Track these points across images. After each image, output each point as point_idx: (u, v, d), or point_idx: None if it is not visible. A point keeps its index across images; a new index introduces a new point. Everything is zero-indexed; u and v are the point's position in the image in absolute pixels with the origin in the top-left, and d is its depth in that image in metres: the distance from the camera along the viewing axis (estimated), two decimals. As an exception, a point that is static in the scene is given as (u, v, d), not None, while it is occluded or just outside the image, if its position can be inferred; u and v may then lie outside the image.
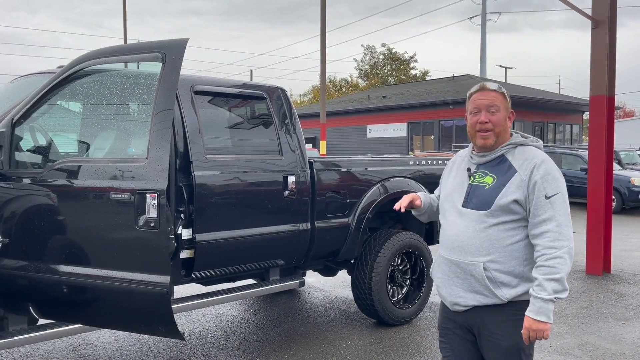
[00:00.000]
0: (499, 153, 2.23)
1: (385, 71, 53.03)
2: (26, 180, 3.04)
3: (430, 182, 5.29)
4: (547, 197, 2.08)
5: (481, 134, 2.22)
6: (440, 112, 23.72)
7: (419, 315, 5.15)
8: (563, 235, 2.04)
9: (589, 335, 4.72)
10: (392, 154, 14.69)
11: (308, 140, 26.34)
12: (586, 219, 7.15)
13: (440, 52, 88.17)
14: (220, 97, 4.06)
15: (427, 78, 46.07)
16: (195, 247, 3.70)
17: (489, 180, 2.20)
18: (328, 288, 6.33)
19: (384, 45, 52.62)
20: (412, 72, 52.03)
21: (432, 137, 24.54)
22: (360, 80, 53.79)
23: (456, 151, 20.37)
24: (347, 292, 6.08)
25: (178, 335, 2.96)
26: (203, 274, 3.83)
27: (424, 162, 5.39)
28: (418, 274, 5.14)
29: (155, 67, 3.02)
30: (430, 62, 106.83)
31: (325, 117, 18.45)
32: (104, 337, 4.60)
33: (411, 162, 5.29)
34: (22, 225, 3.05)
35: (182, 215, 3.68)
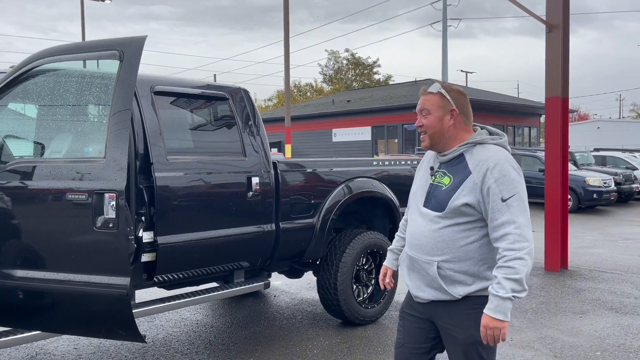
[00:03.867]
0: (457, 152, 2.22)
1: (350, 76, 53.47)
2: None
3: (394, 182, 5.36)
4: (503, 200, 2.06)
5: (421, 136, 2.30)
6: (403, 115, 24.05)
7: (385, 314, 5.19)
8: (522, 236, 2.04)
9: (548, 329, 4.85)
10: (357, 158, 14.76)
11: (273, 145, 26.28)
12: (544, 218, 7.37)
13: (401, 57, 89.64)
14: (182, 97, 4.01)
15: (390, 82, 46.67)
16: (157, 250, 3.63)
17: (446, 180, 2.21)
18: (294, 290, 6.31)
19: (347, 50, 53.03)
20: (376, 76, 52.65)
21: (396, 140, 24.85)
22: (324, 85, 54.06)
23: (420, 154, 20.71)
24: (313, 294, 6.08)
25: (139, 338, 2.89)
26: (165, 278, 3.76)
27: (387, 163, 5.45)
28: (383, 273, 5.17)
29: (112, 67, 2.95)
30: (393, 67, 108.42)
31: (290, 121, 18.46)
32: (62, 345, 4.46)
33: (375, 163, 5.34)
34: None
35: (143, 218, 3.61)
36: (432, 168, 2.30)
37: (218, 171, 4.01)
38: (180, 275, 3.85)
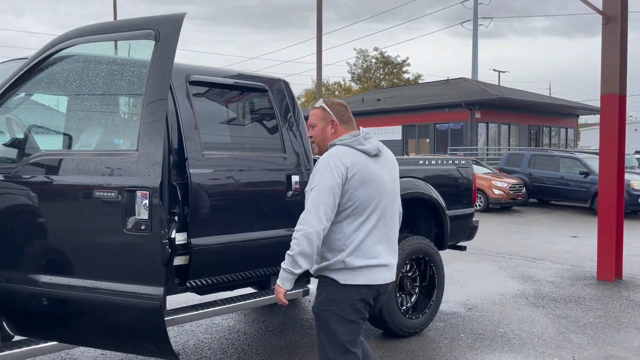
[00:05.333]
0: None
1: (378, 75, 52.89)
2: None
3: (440, 182, 4.99)
4: (310, 190, 2.48)
5: (312, 145, 2.76)
6: (435, 115, 23.49)
7: (429, 325, 4.82)
8: (304, 220, 2.41)
9: (612, 347, 4.41)
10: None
11: (302, 143, 25.91)
12: (597, 223, 6.87)
13: (429, 57, 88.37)
14: (218, 88, 3.71)
15: (420, 82, 45.94)
16: (191, 253, 3.34)
17: None
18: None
19: (376, 49, 52.48)
20: (405, 75, 51.92)
21: (427, 140, 24.30)
22: (353, 84, 53.61)
23: (452, 154, 20.12)
24: (350, 300, 5.73)
25: (172, 355, 2.60)
26: (199, 283, 3.47)
27: (433, 162, 5.07)
28: (428, 281, 4.80)
29: (145, 53, 2.66)
30: (421, 67, 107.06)
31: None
32: (89, 350, 4.22)
33: (421, 162, 4.96)
34: None
35: (176, 218, 3.33)
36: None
37: (256, 169, 3.71)
38: (215, 281, 3.56)
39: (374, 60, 52.61)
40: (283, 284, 2.45)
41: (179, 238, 3.33)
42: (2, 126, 2.94)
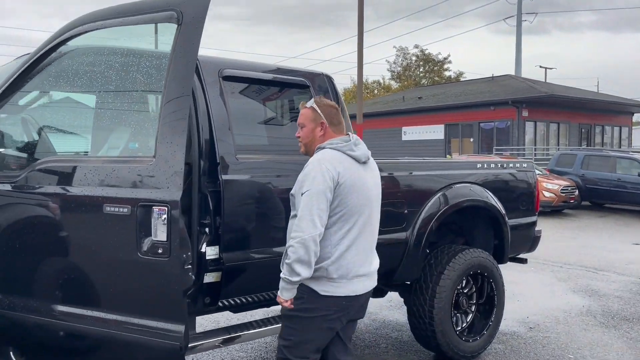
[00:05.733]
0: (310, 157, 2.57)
1: (419, 73, 51.88)
2: (1, 186, 2.33)
3: (499, 188, 4.48)
4: (302, 194, 2.39)
5: (299, 144, 2.70)
6: (480, 113, 22.61)
7: (487, 349, 4.31)
8: (299, 227, 2.35)
9: None
10: (431, 157, 13.83)
11: (341, 143, 25.42)
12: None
13: (470, 54, 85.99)
14: (255, 84, 3.33)
15: (462, 79, 44.73)
16: (222, 270, 2.97)
17: None
18: (373, 309, 5.53)
19: (416, 46, 51.47)
20: (447, 73, 50.72)
21: (472, 139, 23.44)
22: (392, 82, 52.78)
23: (498, 154, 19.30)
24: (397, 315, 5.28)
25: None
26: (232, 302, 3.10)
27: (492, 166, 4.55)
28: (485, 298, 4.30)
29: (166, 44, 2.28)
30: (462, 64, 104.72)
31: (362, 118, 17.62)
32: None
33: (479, 166, 4.46)
34: None
35: (207, 230, 2.96)
36: None
37: (295, 174, 3.30)
38: (250, 299, 3.19)
39: (414, 58, 51.64)
40: (283, 294, 2.42)
41: (210, 252, 2.97)
42: (20, 128, 2.64)
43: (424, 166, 4.27)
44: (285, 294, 2.41)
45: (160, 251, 2.01)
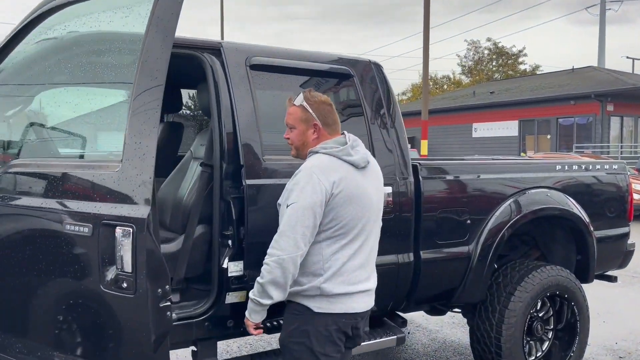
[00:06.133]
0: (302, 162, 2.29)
1: (491, 67, 49.75)
2: None
3: (582, 193, 3.80)
4: (287, 206, 2.14)
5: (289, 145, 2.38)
6: (558, 108, 21.06)
7: (567, 384, 3.64)
8: (277, 243, 2.11)
9: None
10: (504, 156, 12.91)
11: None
12: None
13: (548, 46, 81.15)
14: (288, 73, 2.89)
15: (538, 72, 42.30)
16: (248, 289, 2.56)
17: None
18: (434, 326, 4.96)
19: (489, 39, 49.25)
20: (521, 67, 48.24)
21: (549, 136, 21.90)
22: (463, 77, 50.97)
23: (579, 152, 17.85)
24: (460, 334, 4.69)
25: None
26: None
27: (575, 168, 3.87)
28: (565, 324, 3.64)
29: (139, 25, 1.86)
30: (539, 58, 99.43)
31: (428, 114, 16.81)
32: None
33: (558, 168, 3.79)
34: None
35: (230, 242, 2.57)
36: None
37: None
38: (280, 323, 2.76)
39: (486, 52, 49.59)
40: (251, 316, 2.22)
41: (233, 268, 2.58)
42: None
43: (493, 168, 3.67)
44: (254, 317, 2.21)
45: (124, 285, 1.59)
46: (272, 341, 3.98)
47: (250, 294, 2.18)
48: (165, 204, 3.00)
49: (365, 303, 2.29)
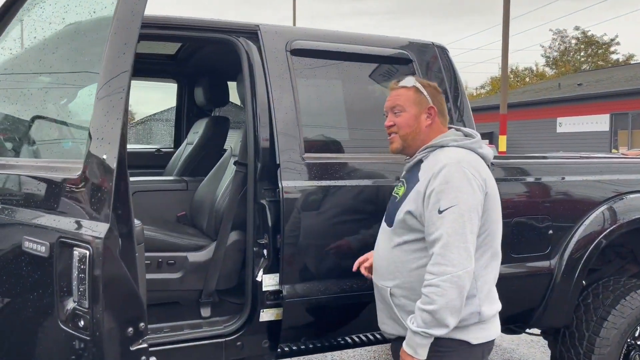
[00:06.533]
0: (416, 158, 1.96)
1: (578, 57, 46.63)
2: None
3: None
4: (440, 212, 1.77)
5: (389, 137, 2.03)
6: (656, 100, 19.17)
7: None
8: (446, 259, 1.73)
9: None
10: (593, 153, 11.77)
11: (484, 136, 23.49)
12: None
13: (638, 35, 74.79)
14: (335, 59, 2.52)
15: (633, 62, 39.06)
16: (283, 306, 2.24)
17: (401, 191, 1.97)
18: (508, 344, 4.42)
19: (577, 28, 46.20)
20: (613, 56, 44.80)
21: (645, 131, 20.00)
22: (547, 69, 48.19)
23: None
24: (539, 355, 4.13)
25: None
26: (297, 348, 2.36)
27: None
28: (672, 355, 3.02)
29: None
30: (633, 46, 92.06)
31: (507, 107, 15.79)
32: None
33: (665, 167, 3.16)
34: None
35: (265, 252, 2.25)
36: (398, 177, 2.12)
37: (388, 179, 2.45)
38: (323, 344, 2.43)
39: (573, 41, 46.53)
40: (417, 352, 1.76)
41: (268, 282, 2.26)
42: None
43: (582, 168, 3.10)
44: (422, 352, 1.77)
45: (81, 323, 1.28)
46: None
47: (413, 326, 1.77)
48: (202, 206, 2.75)
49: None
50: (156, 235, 2.45)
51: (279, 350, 2.32)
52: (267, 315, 2.29)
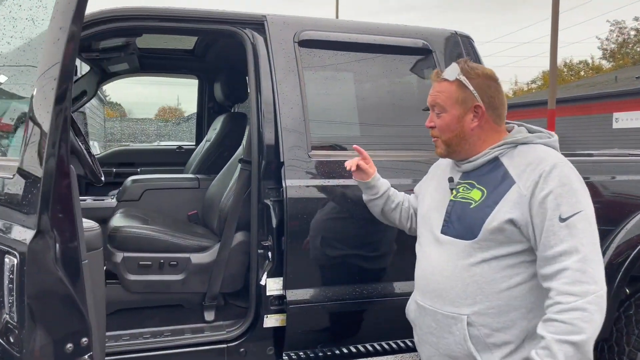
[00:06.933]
0: (490, 155, 1.62)
1: (638, 49, 44.31)
2: None
3: None
4: (562, 219, 1.44)
5: (433, 140, 1.71)
6: None
7: None
8: (588, 275, 1.40)
9: None
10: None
11: (534, 132, 22.54)
12: None
13: None
14: (346, 50, 2.37)
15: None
16: (287, 312, 2.12)
17: (476, 194, 1.59)
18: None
19: (636, 19, 43.82)
20: (677, 47, 42.32)
21: None
22: (604, 62, 46.03)
23: None
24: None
25: None
26: (302, 356, 2.23)
27: None
28: None
29: None
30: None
31: (555, 102, 15.08)
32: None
33: None
34: None
35: (270, 255, 2.14)
36: (451, 179, 1.70)
37: (399, 178, 2.29)
38: (331, 354, 2.29)
39: (632, 33, 44.24)
40: None
41: (272, 286, 2.15)
42: None
43: (623, 167, 2.83)
44: None
45: (11, 339, 1.18)
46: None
47: None
48: (212, 205, 2.67)
49: None
50: (158, 235, 2.38)
51: (284, 357, 2.20)
52: (271, 321, 2.18)
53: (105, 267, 2.48)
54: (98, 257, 1.37)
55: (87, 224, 1.36)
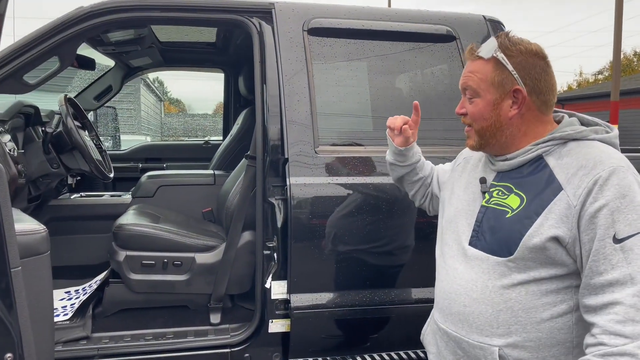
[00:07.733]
0: (533, 153, 1.32)
1: None
2: None
3: None
4: (617, 241, 1.16)
5: (465, 130, 1.43)
6: None
7: None
8: None
9: None
10: None
11: (596, 126, 21.27)
12: None
13: None
14: (361, 38, 2.21)
15: None
16: (291, 317, 2.01)
17: (513, 202, 1.31)
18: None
19: None
20: None
21: None
22: (678, 51, 43.02)
23: None
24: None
25: None
26: (309, 364, 2.11)
27: None
28: None
29: None
30: None
31: (619, 94, 14.14)
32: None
33: None
34: None
35: (275, 256, 2.03)
36: (483, 180, 1.40)
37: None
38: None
39: None
40: None
41: (277, 290, 2.04)
42: None
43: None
44: None
45: None
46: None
47: None
48: (224, 203, 2.58)
49: None
50: (161, 233, 2.31)
51: (289, 365, 2.09)
52: (276, 326, 2.06)
53: (110, 266, 2.46)
54: (40, 262, 1.30)
55: (31, 226, 1.29)
